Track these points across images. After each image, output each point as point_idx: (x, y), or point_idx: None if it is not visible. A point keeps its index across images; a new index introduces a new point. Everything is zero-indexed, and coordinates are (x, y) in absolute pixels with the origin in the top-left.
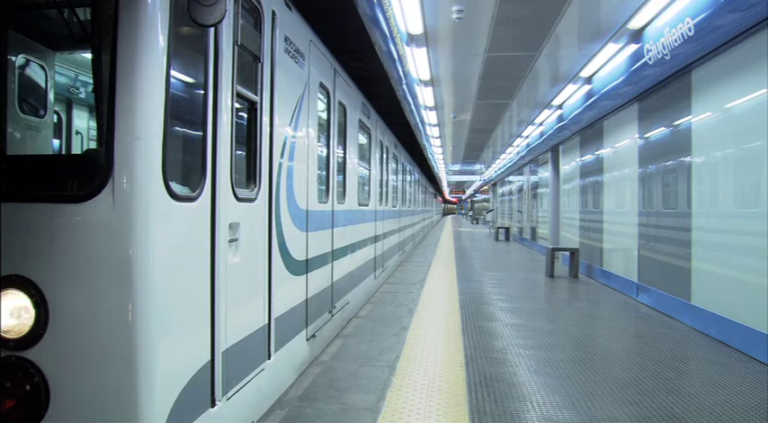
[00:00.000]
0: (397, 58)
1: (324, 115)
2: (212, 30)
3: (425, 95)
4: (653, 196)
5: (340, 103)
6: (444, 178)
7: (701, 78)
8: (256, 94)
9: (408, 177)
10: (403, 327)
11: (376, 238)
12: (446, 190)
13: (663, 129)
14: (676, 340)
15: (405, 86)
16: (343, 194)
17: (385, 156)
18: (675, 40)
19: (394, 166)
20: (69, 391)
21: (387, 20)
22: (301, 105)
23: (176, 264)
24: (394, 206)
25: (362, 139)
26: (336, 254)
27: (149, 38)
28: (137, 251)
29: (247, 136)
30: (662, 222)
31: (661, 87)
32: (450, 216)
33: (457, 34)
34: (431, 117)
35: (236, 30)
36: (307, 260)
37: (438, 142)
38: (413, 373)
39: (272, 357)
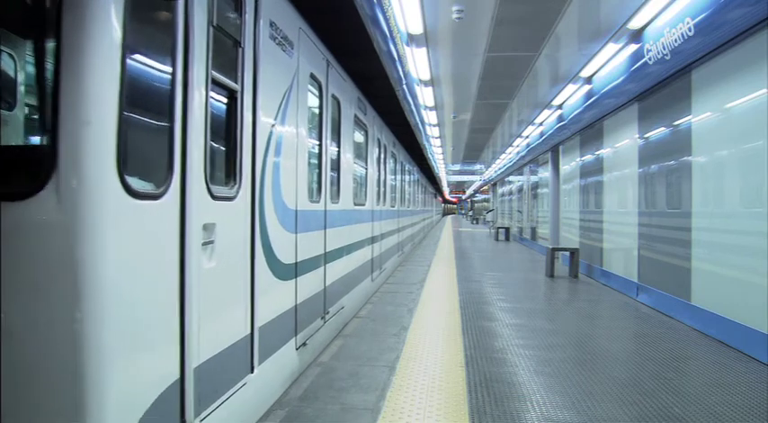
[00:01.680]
0: (396, 58)
1: (316, 109)
2: (181, 6)
3: (425, 95)
4: (653, 196)
5: (333, 97)
6: (444, 178)
7: (701, 78)
8: (236, 83)
9: (408, 177)
10: (403, 327)
11: (373, 240)
12: (446, 190)
13: (663, 129)
14: (676, 340)
15: (405, 86)
16: (337, 193)
17: (383, 154)
18: (675, 40)
19: (392, 164)
20: (5, 417)
21: (387, 20)
22: (289, 97)
23: (135, 269)
24: (392, 206)
25: (358, 136)
26: (330, 256)
27: (99, 5)
28: (86, 255)
29: (226, 128)
30: (662, 222)
31: (661, 87)
32: (450, 216)
33: (457, 34)
34: (431, 117)
35: (210, 9)
36: (296, 263)
37: (438, 142)
38: (413, 373)
39: (255, 370)
